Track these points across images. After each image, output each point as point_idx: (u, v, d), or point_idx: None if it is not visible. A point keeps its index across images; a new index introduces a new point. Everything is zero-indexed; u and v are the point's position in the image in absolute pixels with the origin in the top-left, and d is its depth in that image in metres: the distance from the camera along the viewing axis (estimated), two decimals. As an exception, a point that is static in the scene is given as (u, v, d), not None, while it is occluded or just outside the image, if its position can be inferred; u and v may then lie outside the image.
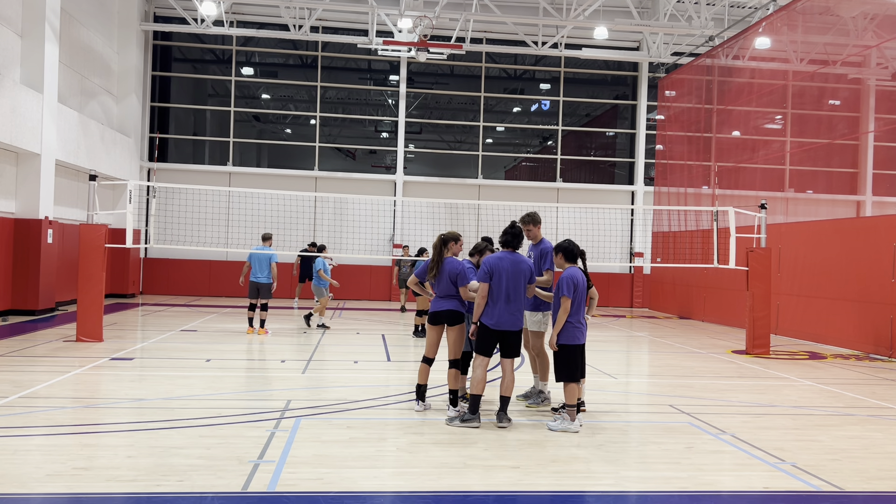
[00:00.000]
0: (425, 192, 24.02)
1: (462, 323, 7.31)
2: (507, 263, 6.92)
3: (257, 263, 13.39)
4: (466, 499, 4.94)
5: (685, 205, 21.28)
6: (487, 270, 6.91)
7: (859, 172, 20.02)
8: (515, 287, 6.90)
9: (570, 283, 6.87)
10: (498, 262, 6.93)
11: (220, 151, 24.10)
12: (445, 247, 7.41)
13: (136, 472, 5.17)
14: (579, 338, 6.96)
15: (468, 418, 6.82)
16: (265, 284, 13.39)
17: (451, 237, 7.49)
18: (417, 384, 7.54)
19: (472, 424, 6.79)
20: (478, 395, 6.88)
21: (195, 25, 21.50)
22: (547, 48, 23.06)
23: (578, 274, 7.02)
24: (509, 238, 7.11)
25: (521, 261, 7.02)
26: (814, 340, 14.79)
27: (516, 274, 6.92)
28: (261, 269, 13.37)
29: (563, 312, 6.86)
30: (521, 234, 7.24)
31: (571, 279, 6.91)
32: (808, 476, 5.62)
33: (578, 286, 6.94)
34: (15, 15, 15.68)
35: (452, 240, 7.48)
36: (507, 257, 6.97)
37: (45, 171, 16.14)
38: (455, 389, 7.24)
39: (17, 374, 8.86)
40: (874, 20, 17.50)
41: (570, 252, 7.15)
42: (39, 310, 15.76)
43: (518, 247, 7.15)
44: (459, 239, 7.54)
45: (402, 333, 14.69)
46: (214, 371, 9.69)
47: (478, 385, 6.90)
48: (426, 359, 7.46)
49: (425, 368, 7.48)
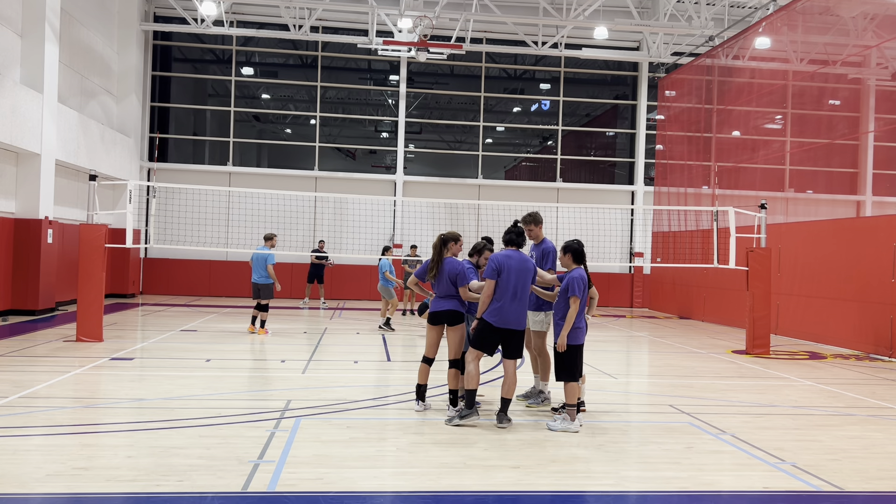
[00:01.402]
0: (425, 192, 24.02)
1: (462, 323, 7.31)
2: (515, 262, 6.90)
3: (255, 264, 13.46)
4: (466, 499, 4.94)
5: (685, 205, 21.27)
6: (496, 267, 6.85)
7: (859, 172, 20.02)
8: (523, 285, 6.89)
9: (581, 284, 6.89)
10: (506, 260, 6.89)
11: (220, 151, 24.10)
12: (445, 247, 7.41)
13: (136, 472, 5.17)
14: (580, 338, 6.98)
15: (466, 414, 6.84)
16: (263, 285, 13.42)
17: (451, 237, 7.48)
18: (417, 384, 7.54)
19: (471, 420, 6.80)
20: (473, 390, 6.89)
21: (195, 25, 21.50)
22: (547, 48, 23.06)
23: (585, 275, 7.04)
24: (513, 237, 7.09)
25: (526, 259, 7.00)
26: (814, 340, 14.79)
27: (524, 272, 6.90)
28: (258, 270, 13.42)
29: (574, 313, 6.85)
30: (523, 232, 7.24)
31: (582, 280, 6.93)
32: (808, 476, 5.62)
33: (584, 287, 6.99)
34: (15, 15, 15.68)
35: (452, 240, 7.47)
36: (515, 255, 6.95)
37: (45, 171, 16.14)
38: (455, 389, 7.23)
39: (17, 374, 8.86)
40: (874, 20, 17.50)
41: (578, 253, 7.13)
42: (39, 310, 15.76)
43: (522, 245, 7.15)
44: (459, 239, 7.53)
45: (402, 333, 14.68)
46: (214, 371, 9.69)
47: (472, 379, 6.90)
48: (426, 359, 7.47)
49: (425, 368, 7.47)
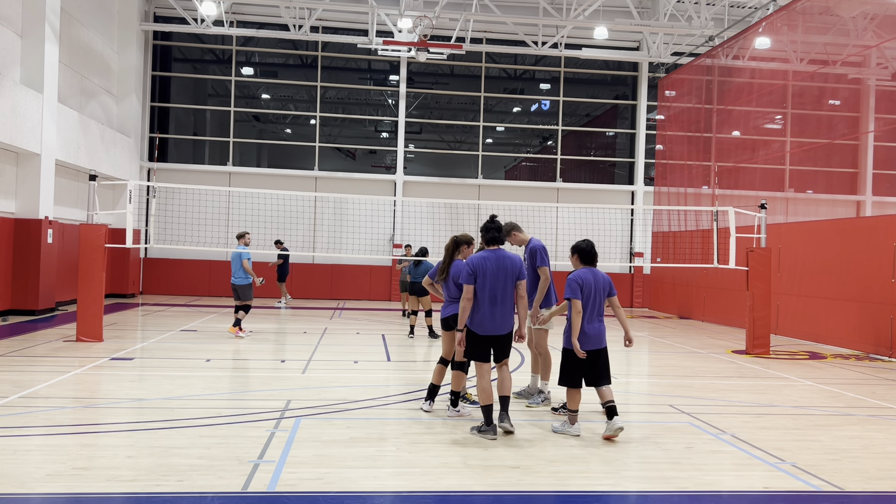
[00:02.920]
0: (425, 192, 24.02)
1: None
2: (491, 263, 6.47)
3: (232, 264, 13.10)
4: (466, 499, 4.94)
5: (685, 205, 21.27)
6: (471, 271, 6.45)
7: (859, 172, 20.04)
8: (502, 288, 6.47)
9: (575, 285, 6.49)
10: (482, 262, 6.46)
11: (220, 151, 24.10)
12: (457, 249, 7.27)
13: (136, 472, 5.17)
14: (583, 343, 6.56)
15: (484, 430, 6.42)
16: (241, 286, 12.96)
17: (464, 240, 7.30)
18: (431, 384, 7.42)
19: (489, 436, 6.37)
20: (488, 406, 6.46)
21: (195, 25, 21.50)
22: (547, 48, 23.06)
23: (587, 275, 6.60)
24: (495, 234, 6.61)
25: (506, 257, 6.53)
26: (814, 340, 14.79)
27: (501, 273, 6.46)
28: (234, 271, 13.02)
29: (576, 314, 6.47)
30: (501, 227, 6.77)
31: (576, 280, 6.53)
32: (808, 476, 5.62)
33: (585, 287, 6.54)
34: (15, 15, 15.68)
35: (465, 243, 7.28)
36: (491, 256, 6.50)
37: (45, 171, 16.14)
38: (457, 391, 7.19)
39: (17, 374, 8.86)
40: (874, 20, 17.51)
41: (585, 253, 6.72)
42: (39, 310, 15.76)
43: (503, 242, 6.74)
44: (472, 242, 7.35)
45: (402, 334, 14.67)
46: (214, 371, 9.69)
47: (485, 395, 6.49)
48: (443, 360, 7.38)
49: (441, 369, 7.37)
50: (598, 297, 6.61)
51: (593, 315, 6.60)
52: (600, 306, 6.66)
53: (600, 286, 6.64)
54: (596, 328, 6.60)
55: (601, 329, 6.64)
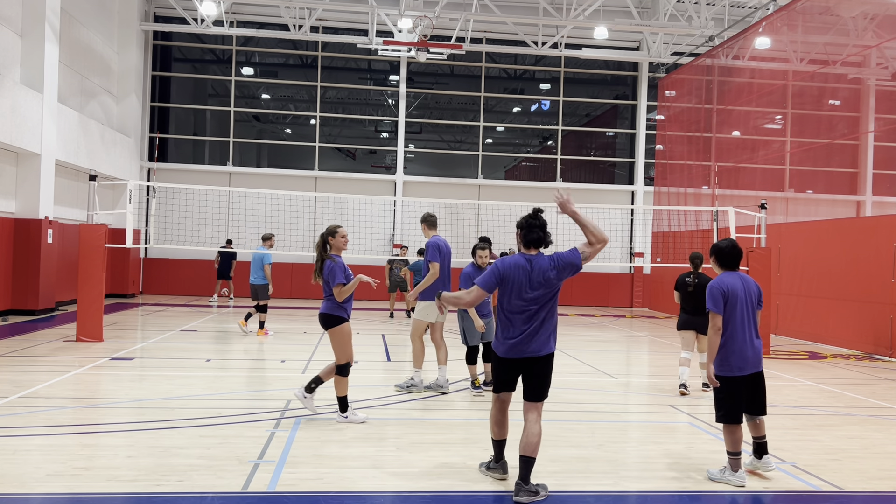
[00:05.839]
0: (425, 192, 24.01)
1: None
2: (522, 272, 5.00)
3: (252, 264, 13.29)
4: (466, 499, 4.94)
5: (685, 205, 21.27)
6: (498, 277, 4.99)
7: (859, 172, 20.04)
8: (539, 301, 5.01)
9: (718, 295, 5.36)
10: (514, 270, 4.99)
11: (220, 151, 24.10)
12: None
13: (136, 472, 5.17)
14: (743, 367, 5.35)
15: (493, 467, 5.35)
16: (259, 286, 13.15)
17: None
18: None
19: (497, 475, 5.30)
20: (498, 441, 5.32)
21: (195, 25, 21.49)
22: (547, 48, 23.05)
23: (735, 282, 5.46)
24: (539, 234, 5.08)
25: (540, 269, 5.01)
26: (814, 340, 14.79)
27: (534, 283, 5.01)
28: (254, 271, 13.21)
29: (715, 333, 5.36)
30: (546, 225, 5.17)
31: (719, 289, 5.38)
32: (808, 476, 5.62)
33: (731, 297, 5.38)
34: (15, 15, 15.67)
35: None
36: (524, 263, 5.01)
37: (45, 171, 16.13)
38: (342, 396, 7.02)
39: (17, 374, 8.86)
40: (874, 20, 17.52)
41: (724, 254, 5.59)
42: (39, 310, 15.76)
43: (549, 244, 5.19)
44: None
45: (402, 333, 14.67)
46: (214, 371, 9.69)
47: (495, 430, 5.29)
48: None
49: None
50: (749, 307, 5.43)
51: (748, 329, 5.39)
52: (753, 317, 5.46)
53: (752, 295, 5.48)
54: (755, 346, 5.42)
55: (759, 346, 5.46)
